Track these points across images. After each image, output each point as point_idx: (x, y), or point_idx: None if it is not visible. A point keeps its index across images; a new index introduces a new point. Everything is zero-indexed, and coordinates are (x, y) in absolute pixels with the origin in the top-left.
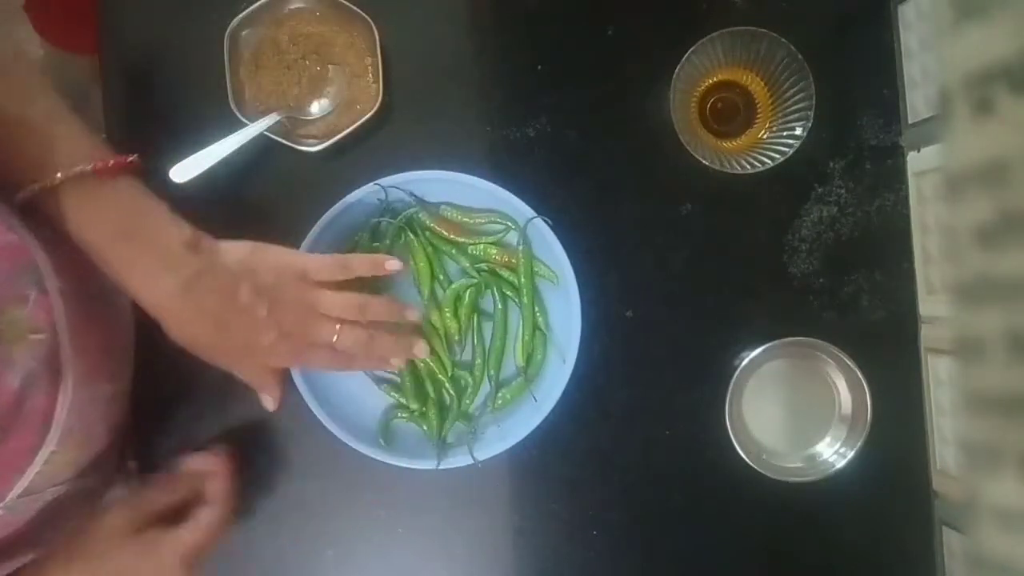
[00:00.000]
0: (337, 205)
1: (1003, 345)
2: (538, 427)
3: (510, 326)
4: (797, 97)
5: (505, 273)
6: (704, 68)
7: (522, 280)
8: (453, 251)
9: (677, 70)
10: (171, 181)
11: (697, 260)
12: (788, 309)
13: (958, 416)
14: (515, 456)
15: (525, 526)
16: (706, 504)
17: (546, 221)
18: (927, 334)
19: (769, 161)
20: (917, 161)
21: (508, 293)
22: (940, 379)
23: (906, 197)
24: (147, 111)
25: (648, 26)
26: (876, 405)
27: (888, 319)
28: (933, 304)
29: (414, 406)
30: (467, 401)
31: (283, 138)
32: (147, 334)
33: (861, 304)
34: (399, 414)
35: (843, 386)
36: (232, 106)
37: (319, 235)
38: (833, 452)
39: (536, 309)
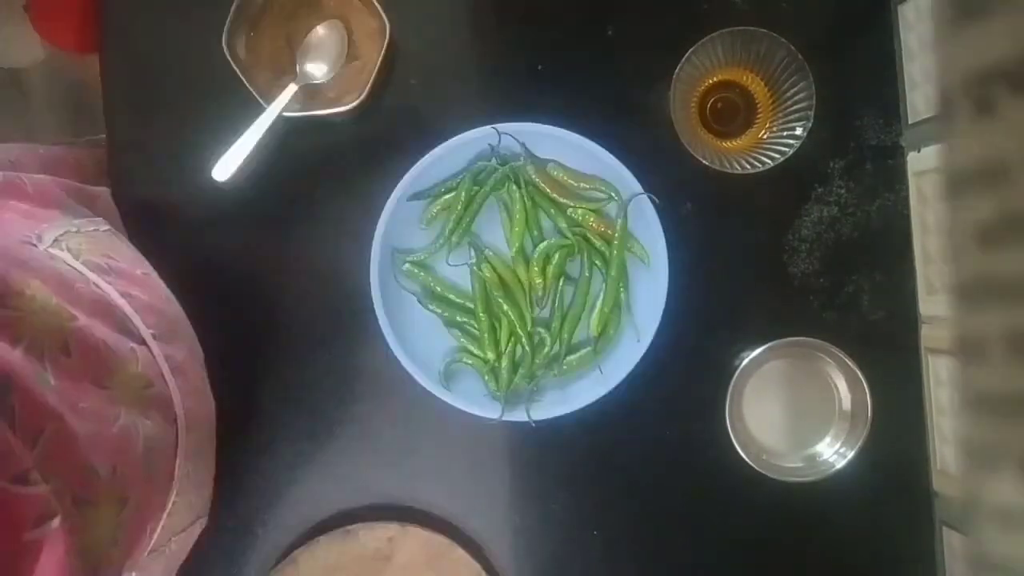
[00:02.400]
0: (443, 146)
1: (1003, 345)
2: (538, 429)
3: (591, 295)
4: (797, 97)
5: (598, 242)
6: (704, 68)
7: (614, 252)
8: (552, 210)
9: (677, 70)
10: (207, 183)
11: (697, 260)
12: (788, 309)
13: (958, 416)
14: (515, 456)
15: (525, 526)
16: (706, 504)
17: (652, 200)
18: (927, 334)
19: (769, 161)
20: (917, 161)
21: (596, 262)
22: (940, 379)
23: (906, 197)
24: (148, 111)
25: (648, 26)
26: (876, 405)
27: (888, 319)
28: (933, 304)
29: (489, 355)
30: (539, 359)
31: (306, 111)
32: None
33: (861, 304)
34: (464, 359)
35: (843, 386)
36: (252, 91)
37: (421, 173)
38: (833, 452)
39: (621, 284)
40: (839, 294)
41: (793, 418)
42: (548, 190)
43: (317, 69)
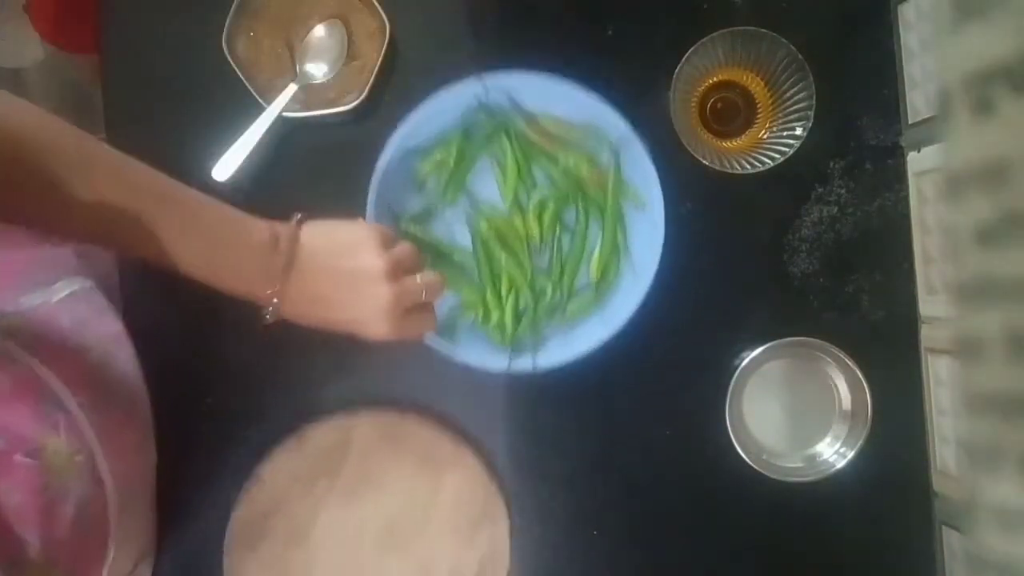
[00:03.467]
0: (432, 100)
1: (1003, 345)
2: (538, 430)
3: (588, 241)
4: (797, 97)
5: (592, 190)
6: (704, 68)
7: (608, 199)
8: (544, 160)
9: (677, 70)
10: (207, 182)
11: (697, 260)
12: (788, 309)
13: (958, 416)
14: (515, 455)
15: (525, 526)
16: (706, 504)
17: (643, 141)
18: (927, 334)
19: (769, 161)
20: (917, 161)
21: (591, 210)
22: (940, 379)
23: (906, 197)
24: (148, 111)
25: (648, 26)
26: (876, 405)
27: (888, 319)
28: (933, 304)
29: (491, 308)
30: (542, 308)
31: (306, 111)
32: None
33: (861, 304)
34: (466, 314)
35: (843, 386)
36: (252, 90)
37: (411, 132)
38: (833, 452)
39: (617, 228)
40: (839, 294)
41: (793, 418)
42: (539, 141)
43: (317, 69)
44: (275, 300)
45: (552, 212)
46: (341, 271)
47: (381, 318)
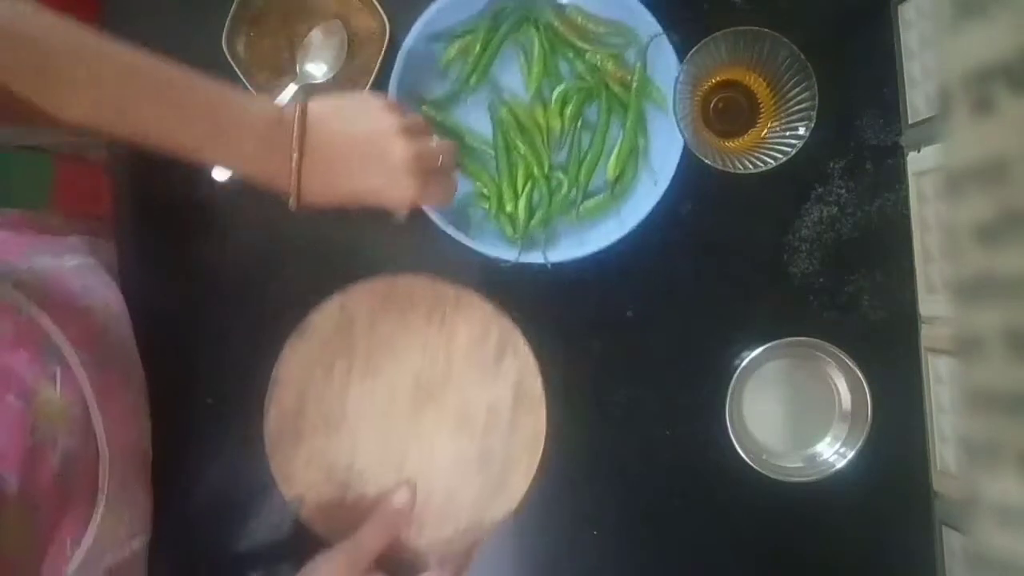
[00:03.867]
0: None
1: (1003, 344)
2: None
3: (608, 140)
4: (800, 97)
5: (616, 88)
6: (707, 68)
7: (632, 98)
8: (570, 54)
9: (679, 69)
10: (207, 182)
11: (697, 260)
12: (788, 309)
13: (958, 414)
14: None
15: (525, 526)
16: (706, 504)
17: (672, 41)
18: (927, 334)
19: (771, 161)
20: (917, 161)
21: (614, 107)
22: (940, 379)
23: (906, 197)
24: None
25: None
26: (876, 405)
27: (888, 319)
28: (933, 304)
29: (506, 198)
30: (556, 202)
31: None
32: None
33: (861, 304)
34: (480, 203)
35: (843, 386)
36: (252, 90)
37: (437, 16)
38: (833, 452)
39: (638, 128)
40: (839, 294)
41: (793, 418)
42: (567, 33)
43: (317, 69)
44: (294, 178)
45: (575, 106)
46: (356, 135)
47: (404, 178)
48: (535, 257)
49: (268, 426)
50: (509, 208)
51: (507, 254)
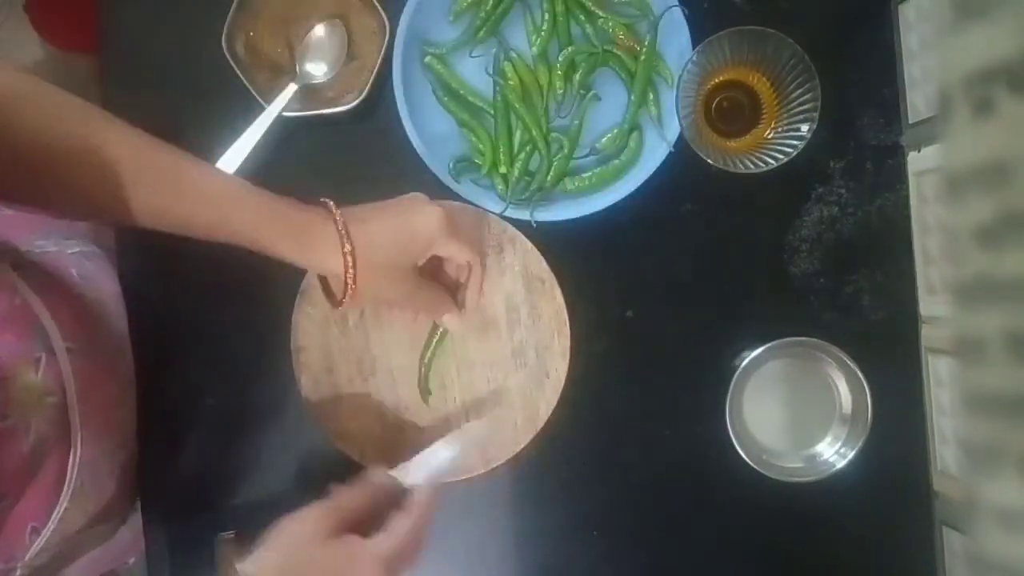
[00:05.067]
0: None
1: (1003, 345)
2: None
3: (611, 110)
4: (803, 97)
5: (624, 57)
6: (710, 67)
7: (639, 69)
8: (582, 17)
9: (681, 70)
10: None
11: (697, 260)
12: (788, 309)
13: (958, 416)
14: (515, 457)
15: (525, 526)
16: (706, 504)
17: (684, 13)
18: (927, 334)
19: (773, 161)
20: (917, 161)
21: (621, 77)
22: (940, 379)
23: (906, 197)
24: (148, 111)
25: None
26: (876, 405)
27: (888, 319)
28: (933, 304)
29: (502, 160)
30: (555, 167)
31: (306, 111)
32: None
33: (861, 304)
34: (475, 158)
35: (843, 386)
36: (252, 90)
37: None
38: (833, 452)
39: (642, 102)
40: (839, 294)
41: (793, 418)
42: None
43: (317, 69)
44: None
45: (583, 72)
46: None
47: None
48: (522, 214)
49: (304, 395)
50: (503, 170)
51: (495, 207)
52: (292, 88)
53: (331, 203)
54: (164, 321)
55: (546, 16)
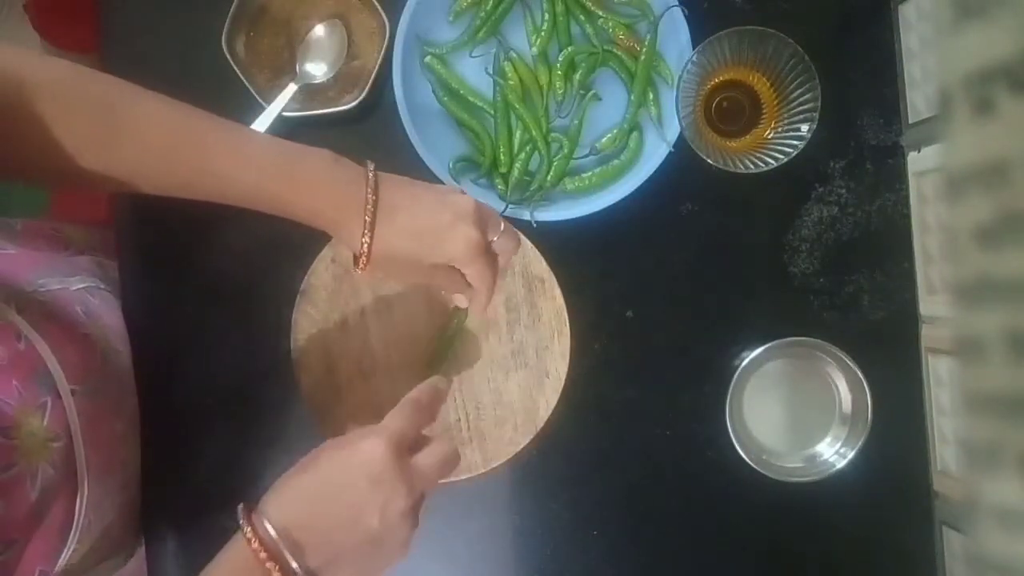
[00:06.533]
0: None
1: (1003, 345)
2: (537, 429)
3: (610, 111)
4: (803, 97)
5: (624, 58)
6: (710, 67)
7: (639, 69)
8: (582, 17)
9: (681, 70)
10: None
11: (697, 260)
12: (788, 309)
13: (958, 416)
14: (515, 457)
15: (525, 526)
16: (706, 504)
17: (684, 12)
18: (927, 334)
19: (773, 161)
20: (917, 161)
21: (621, 77)
22: (940, 379)
23: (906, 197)
24: None
25: None
26: (876, 405)
27: (888, 319)
28: (933, 304)
29: (502, 160)
30: (555, 167)
31: (306, 111)
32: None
33: (861, 304)
34: (476, 157)
35: (843, 386)
36: (252, 90)
37: None
38: (833, 452)
39: (642, 102)
40: (839, 294)
41: (793, 418)
42: None
43: (317, 69)
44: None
45: (582, 72)
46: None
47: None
48: (522, 214)
49: (305, 395)
50: (503, 170)
51: (495, 207)
52: (292, 88)
53: (371, 174)
54: (164, 321)
55: (546, 16)
